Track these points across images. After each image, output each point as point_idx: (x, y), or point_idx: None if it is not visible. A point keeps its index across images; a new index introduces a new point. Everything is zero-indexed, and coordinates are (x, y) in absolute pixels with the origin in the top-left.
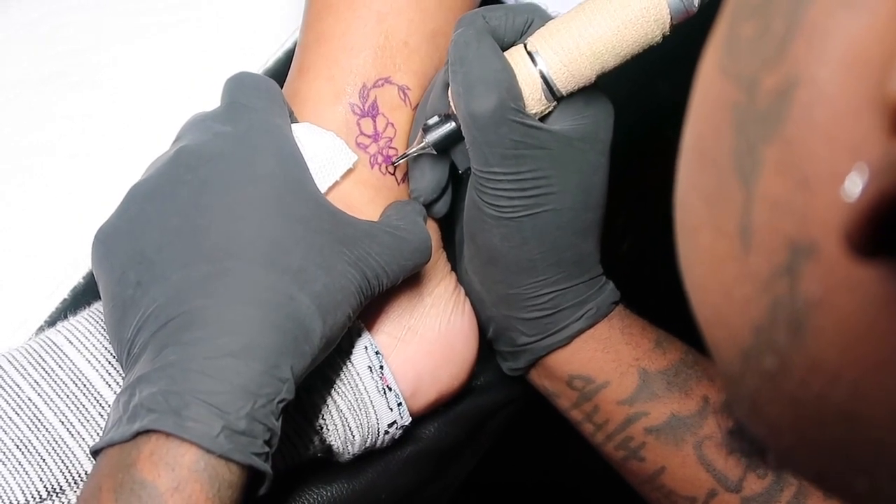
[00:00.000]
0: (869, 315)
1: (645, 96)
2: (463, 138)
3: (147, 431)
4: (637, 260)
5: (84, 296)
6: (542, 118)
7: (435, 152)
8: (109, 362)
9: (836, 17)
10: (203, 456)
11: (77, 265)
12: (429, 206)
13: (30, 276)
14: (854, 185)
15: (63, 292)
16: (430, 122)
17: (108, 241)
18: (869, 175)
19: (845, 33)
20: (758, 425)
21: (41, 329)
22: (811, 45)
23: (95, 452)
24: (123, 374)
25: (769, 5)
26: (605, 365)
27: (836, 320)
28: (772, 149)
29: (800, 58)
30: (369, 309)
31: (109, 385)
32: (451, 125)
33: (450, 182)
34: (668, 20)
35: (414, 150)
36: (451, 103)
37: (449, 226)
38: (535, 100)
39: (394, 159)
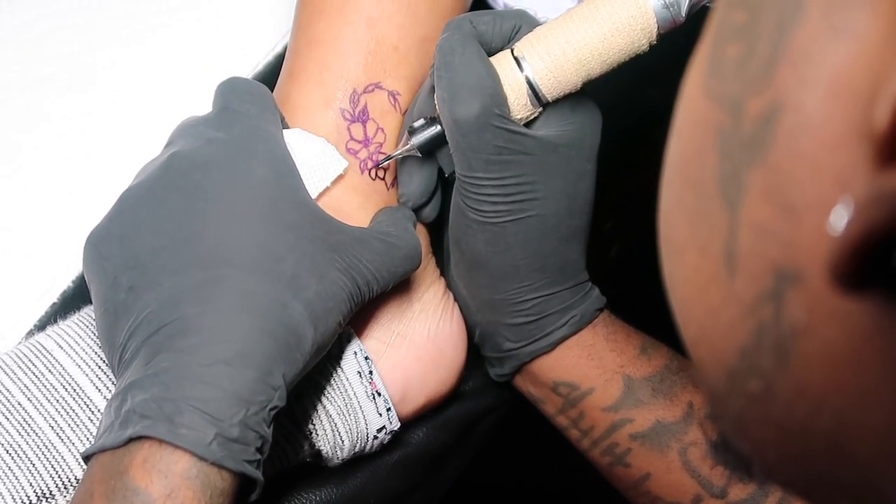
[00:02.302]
0: (854, 345)
1: (633, 102)
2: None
3: (140, 438)
4: (625, 265)
5: (74, 300)
6: (528, 124)
7: (420, 155)
8: (100, 367)
9: (823, 42)
10: (196, 463)
11: (67, 269)
12: (418, 210)
13: (20, 279)
14: (839, 219)
15: (53, 296)
16: (416, 124)
17: (100, 244)
18: (854, 208)
19: (832, 60)
20: (742, 443)
21: (31, 333)
22: (797, 70)
23: (87, 458)
24: (114, 379)
25: (754, 27)
26: (589, 371)
27: (821, 348)
28: (757, 174)
29: (785, 83)
30: (359, 314)
31: (100, 390)
32: (436, 128)
33: (438, 187)
34: (655, 29)
35: (399, 151)
36: (437, 107)
37: (438, 231)
38: (520, 105)
39: (379, 160)
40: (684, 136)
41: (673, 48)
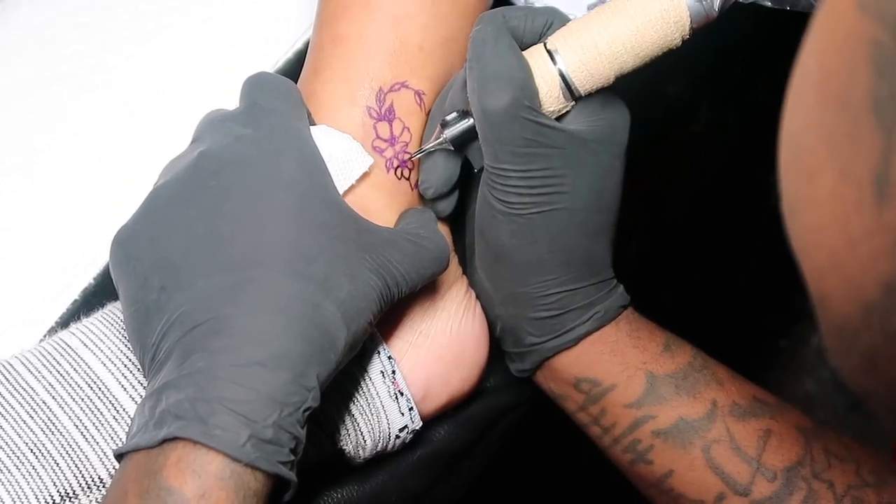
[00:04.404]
0: None
1: (653, 98)
2: None
3: (174, 438)
4: (643, 261)
5: (95, 296)
6: (560, 118)
7: (452, 148)
8: (126, 366)
9: None
10: (229, 464)
11: (87, 266)
12: (435, 201)
13: (40, 276)
14: None
15: (74, 293)
16: (449, 118)
17: (128, 244)
18: None
19: None
20: (869, 380)
21: (52, 330)
22: None
23: (119, 456)
24: (144, 378)
25: None
26: (612, 368)
27: None
28: None
29: None
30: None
31: (125, 389)
32: (468, 121)
33: (459, 182)
34: (688, 23)
35: (431, 145)
36: (468, 99)
37: (459, 228)
38: (553, 98)
39: (412, 154)
40: (826, 51)
41: (692, 46)
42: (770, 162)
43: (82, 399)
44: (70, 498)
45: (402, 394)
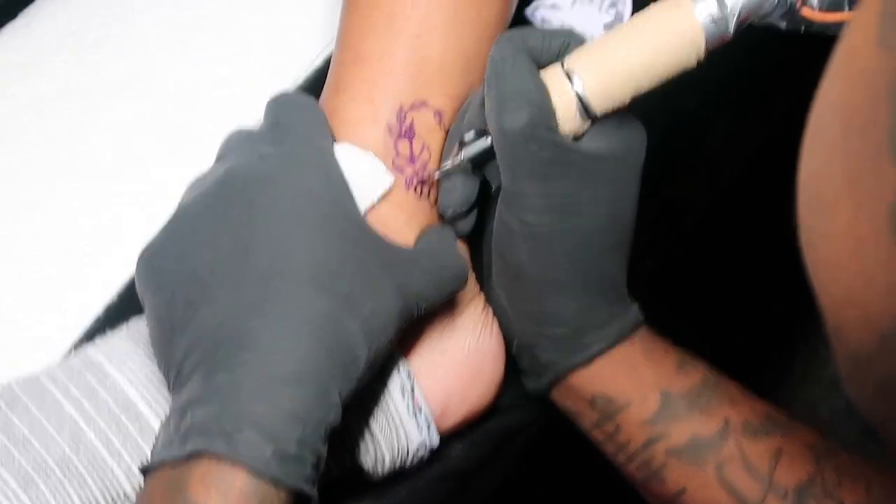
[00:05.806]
0: None
1: (669, 112)
2: None
3: (199, 454)
4: (659, 277)
5: (118, 312)
6: (576, 138)
7: (470, 167)
8: (151, 382)
9: None
10: (254, 480)
11: (110, 282)
12: (454, 220)
13: (63, 292)
14: None
15: (97, 309)
16: (467, 137)
17: (155, 260)
18: None
19: None
20: (882, 408)
21: (77, 345)
22: None
23: (144, 472)
24: (169, 394)
25: None
26: (626, 386)
27: None
28: None
29: None
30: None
31: (151, 406)
32: (486, 141)
33: (477, 201)
34: (703, 44)
35: (450, 165)
36: (487, 118)
37: (476, 245)
38: (569, 119)
39: (432, 174)
40: (846, 85)
41: (708, 64)
42: (786, 181)
43: (108, 414)
44: None
45: (420, 410)
